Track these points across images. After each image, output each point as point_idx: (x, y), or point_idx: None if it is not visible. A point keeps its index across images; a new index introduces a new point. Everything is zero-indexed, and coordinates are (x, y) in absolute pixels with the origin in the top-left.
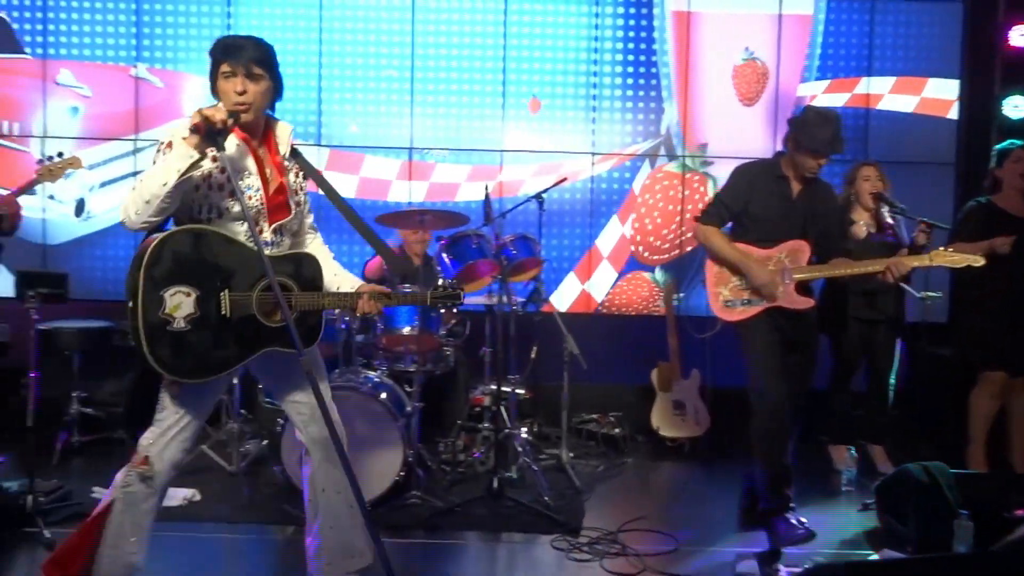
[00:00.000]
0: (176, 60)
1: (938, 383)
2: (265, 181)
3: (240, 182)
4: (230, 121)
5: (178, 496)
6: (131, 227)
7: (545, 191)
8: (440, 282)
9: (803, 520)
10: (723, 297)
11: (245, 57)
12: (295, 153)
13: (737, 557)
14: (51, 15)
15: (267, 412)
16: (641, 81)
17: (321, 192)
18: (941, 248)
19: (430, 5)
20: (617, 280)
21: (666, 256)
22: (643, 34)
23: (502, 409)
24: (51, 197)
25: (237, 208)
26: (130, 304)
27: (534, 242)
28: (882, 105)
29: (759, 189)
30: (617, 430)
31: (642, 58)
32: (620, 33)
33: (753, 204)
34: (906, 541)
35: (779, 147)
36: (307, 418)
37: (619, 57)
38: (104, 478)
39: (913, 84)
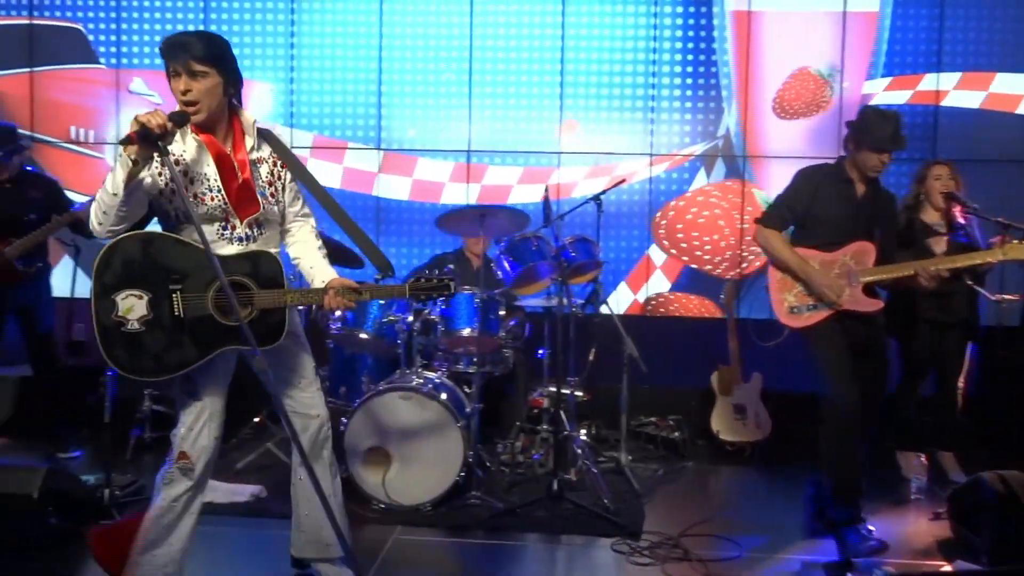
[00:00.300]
0: (242, 68)
1: (1013, 388)
2: (230, 178)
3: (200, 183)
4: (169, 124)
5: (246, 492)
6: (99, 236)
7: (603, 192)
8: (424, 274)
9: (872, 528)
10: (788, 303)
11: (185, 55)
12: (269, 140)
13: (804, 566)
14: (124, 26)
15: (329, 412)
16: (700, 81)
17: (298, 179)
18: (1015, 240)
19: (488, 8)
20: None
21: (727, 272)
22: (702, 33)
23: (561, 411)
24: None
25: (203, 208)
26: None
27: (594, 244)
28: (948, 102)
29: (823, 191)
30: (676, 433)
31: (701, 58)
32: (679, 33)
33: (817, 206)
34: (980, 552)
35: (842, 147)
36: (301, 412)
37: (678, 57)
38: None
39: (980, 79)
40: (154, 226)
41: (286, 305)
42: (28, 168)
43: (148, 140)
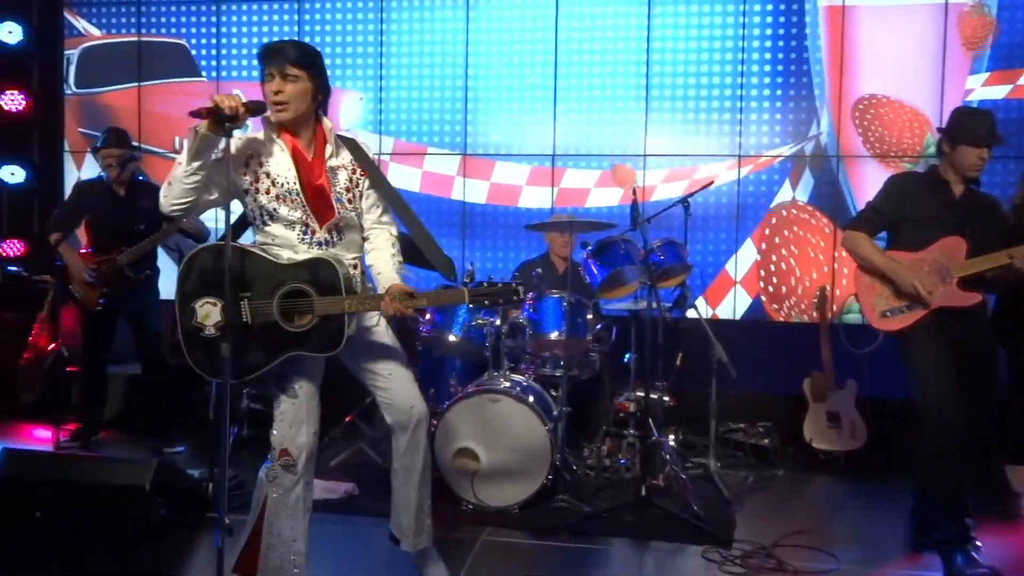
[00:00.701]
0: (333, 77)
1: None
2: (308, 182)
3: (281, 186)
4: (241, 109)
5: (339, 490)
6: (164, 209)
7: (692, 195)
8: (489, 279)
9: (979, 544)
10: (879, 308)
11: (280, 59)
12: (349, 147)
13: None
14: (223, 40)
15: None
16: (791, 80)
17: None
18: None
19: (573, 12)
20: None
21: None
22: (793, 31)
23: (648, 416)
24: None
25: (284, 211)
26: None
27: (682, 247)
28: None
29: (916, 195)
30: (766, 440)
31: (792, 55)
32: (769, 31)
33: (910, 210)
34: None
35: (936, 151)
36: (387, 403)
37: (767, 56)
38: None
39: None
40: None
41: (344, 312)
42: (139, 178)
43: (218, 120)
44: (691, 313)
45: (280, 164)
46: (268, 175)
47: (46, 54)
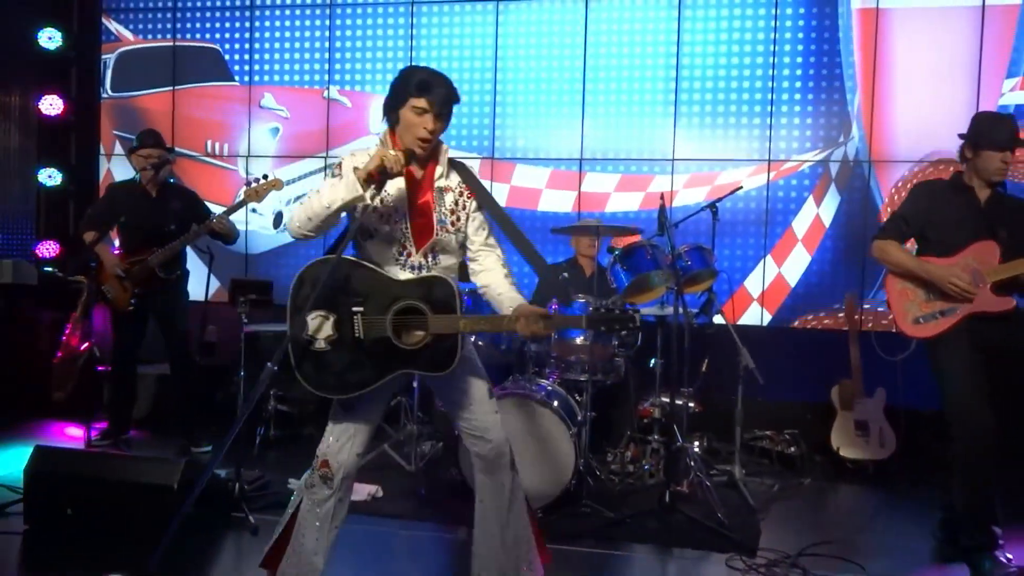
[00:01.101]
0: (363, 82)
1: None
2: (414, 202)
3: (388, 204)
4: (403, 170)
5: (363, 492)
6: (293, 235)
7: (720, 200)
8: (604, 304)
9: (1010, 556)
10: (912, 314)
11: (440, 97)
12: (460, 170)
13: None
14: (256, 45)
15: (443, 416)
16: (823, 84)
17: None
18: None
19: (602, 16)
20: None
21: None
22: (826, 34)
23: (673, 422)
24: (253, 210)
25: (385, 229)
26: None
27: (708, 252)
28: None
29: (942, 202)
30: (793, 448)
31: (824, 59)
32: (800, 35)
33: (936, 216)
34: None
35: (959, 157)
36: (474, 435)
37: (799, 60)
38: (296, 470)
39: None
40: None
41: (459, 331)
42: (170, 180)
43: (382, 176)
44: (717, 319)
45: (391, 182)
46: (377, 192)
47: (84, 59)
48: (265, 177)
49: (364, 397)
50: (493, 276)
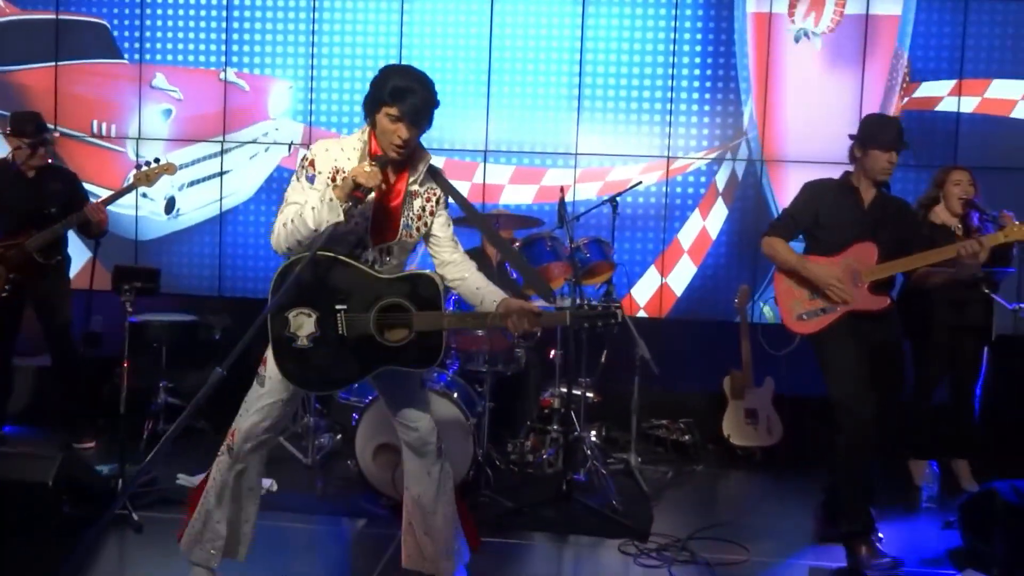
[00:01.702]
0: (262, 65)
1: None
2: (379, 202)
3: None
4: (379, 183)
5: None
6: (280, 254)
7: (619, 195)
8: (588, 301)
9: (882, 536)
10: (796, 311)
11: (414, 106)
12: (436, 178)
13: (811, 572)
14: (148, 22)
15: (341, 408)
16: (720, 84)
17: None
18: (1016, 223)
19: (507, 8)
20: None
21: None
22: (723, 36)
23: (571, 412)
24: (143, 195)
25: (346, 228)
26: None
27: (607, 245)
28: (971, 109)
29: (829, 201)
30: (687, 437)
31: (721, 60)
32: (699, 36)
33: (824, 216)
34: (992, 563)
35: (848, 157)
36: (405, 424)
37: (697, 60)
38: (187, 465)
39: (1008, 87)
40: None
41: (444, 328)
42: (50, 161)
43: (365, 193)
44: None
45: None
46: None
47: None
48: (157, 161)
49: (276, 373)
50: (466, 269)
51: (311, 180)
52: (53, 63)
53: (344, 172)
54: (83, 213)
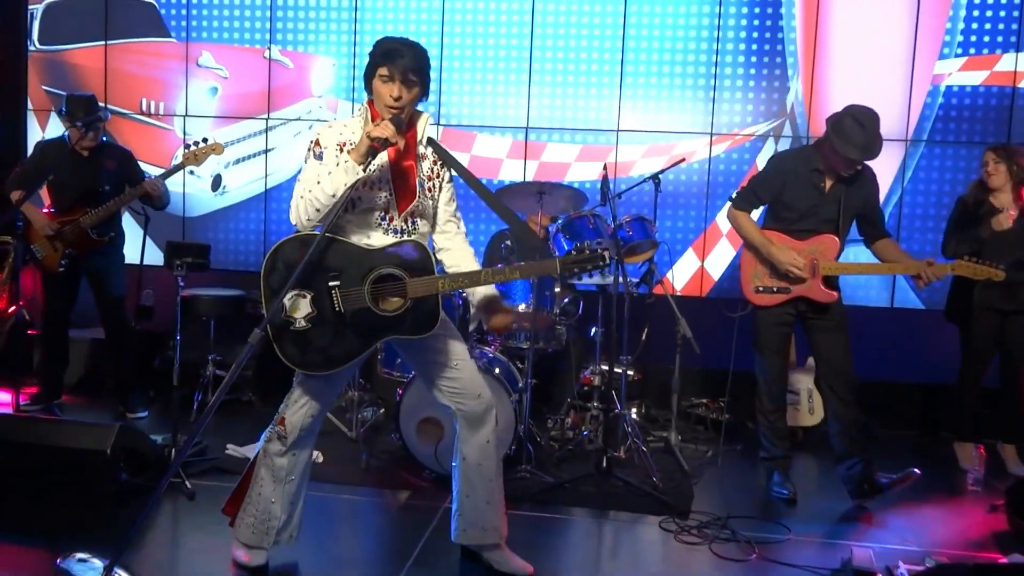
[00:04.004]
0: (306, 42)
1: None
2: (395, 164)
3: (373, 172)
4: (399, 134)
5: None
6: (301, 229)
7: (662, 172)
8: (577, 246)
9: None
10: (755, 284)
11: (404, 64)
12: (431, 142)
13: (851, 551)
14: (194, 0)
15: (384, 382)
16: (765, 59)
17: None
18: (964, 258)
19: None
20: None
21: None
22: (769, 10)
23: (612, 389)
24: (191, 173)
25: (368, 195)
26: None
27: (650, 223)
28: None
29: (792, 179)
30: (727, 416)
31: (767, 35)
32: (745, 10)
33: (786, 193)
34: None
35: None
36: (462, 393)
37: (742, 35)
38: (235, 436)
39: None
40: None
41: (438, 292)
42: (103, 139)
43: (384, 147)
44: (657, 289)
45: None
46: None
47: (7, 10)
48: (205, 140)
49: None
50: (461, 256)
51: (319, 157)
52: (103, 42)
53: (351, 145)
54: (143, 187)
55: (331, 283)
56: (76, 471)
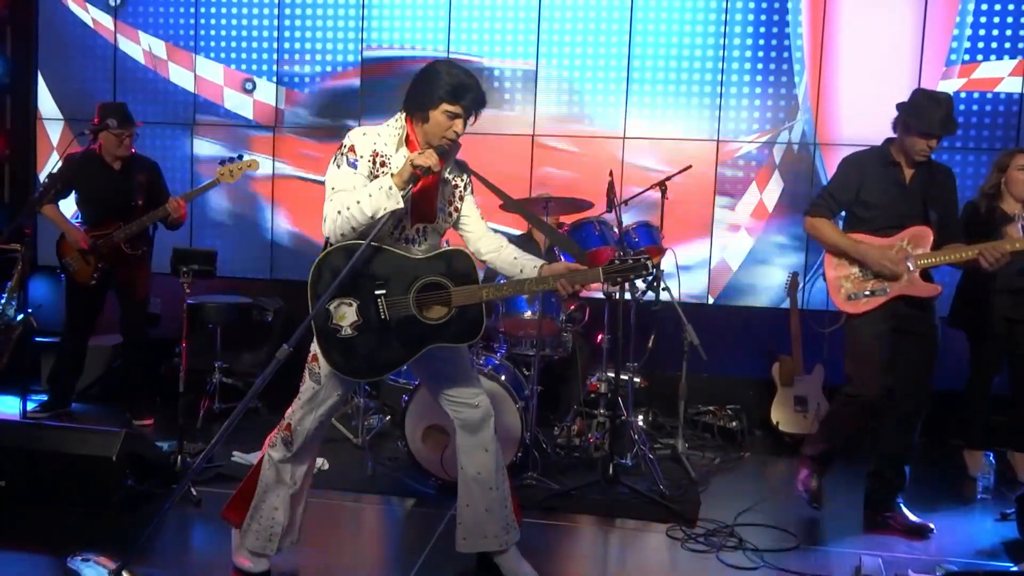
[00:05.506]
0: (312, 61)
1: None
2: (421, 189)
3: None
4: (439, 163)
5: None
6: (335, 242)
7: (669, 178)
8: (619, 255)
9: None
10: (845, 290)
11: (476, 107)
12: (463, 169)
13: (860, 559)
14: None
15: (390, 389)
16: (772, 66)
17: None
18: None
19: None
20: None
21: None
22: (775, 17)
23: (619, 396)
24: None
25: None
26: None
27: (656, 229)
28: None
29: (870, 177)
30: (734, 423)
31: (773, 42)
32: (751, 16)
33: (865, 192)
34: None
35: (891, 129)
36: (461, 402)
37: (749, 41)
38: (242, 443)
39: None
40: None
41: (482, 300)
42: (133, 151)
43: (425, 175)
44: (664, 296)
45: (400, 162)
46: (387, 174)
47: (19, 17)
48: (240, 157)
49: (329, 371)
50: (500, 241)
51: (353, 165)
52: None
53: (383, 156)
54: (164, 209)
55: (377, 291)
56: (82, 477)
